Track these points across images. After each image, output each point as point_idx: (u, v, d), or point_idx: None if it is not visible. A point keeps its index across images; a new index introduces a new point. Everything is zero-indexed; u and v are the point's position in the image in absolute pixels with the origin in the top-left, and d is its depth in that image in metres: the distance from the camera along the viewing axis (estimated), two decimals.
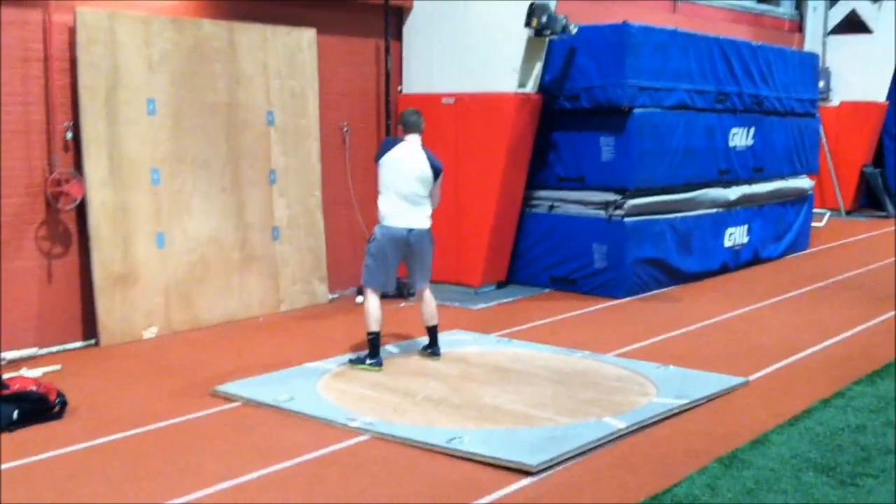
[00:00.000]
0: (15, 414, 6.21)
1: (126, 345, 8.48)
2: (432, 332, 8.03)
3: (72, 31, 8.28)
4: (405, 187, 7.62)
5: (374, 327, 7.67)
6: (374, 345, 7.69)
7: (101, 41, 8.41)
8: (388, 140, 7.77)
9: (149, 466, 5.64)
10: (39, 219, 8.22)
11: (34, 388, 6.47)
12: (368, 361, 7.65)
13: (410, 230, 7.65)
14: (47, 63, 8.16)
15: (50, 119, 8.20)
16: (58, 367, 7.62)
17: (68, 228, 8.42)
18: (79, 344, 8.45)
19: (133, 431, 6.22)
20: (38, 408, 6.36)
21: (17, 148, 8.03)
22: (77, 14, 8.24)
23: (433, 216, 7.86)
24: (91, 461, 5.74)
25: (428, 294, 7.94)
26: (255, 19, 9.72)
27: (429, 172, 7.66)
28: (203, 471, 5.57)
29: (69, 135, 8.29)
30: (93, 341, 8.49)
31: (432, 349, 8.03)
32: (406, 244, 7.69)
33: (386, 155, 7.66)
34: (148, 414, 6.56)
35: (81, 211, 8.39)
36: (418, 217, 7.69)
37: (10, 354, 7.79)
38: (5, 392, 6.38)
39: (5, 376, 6.77)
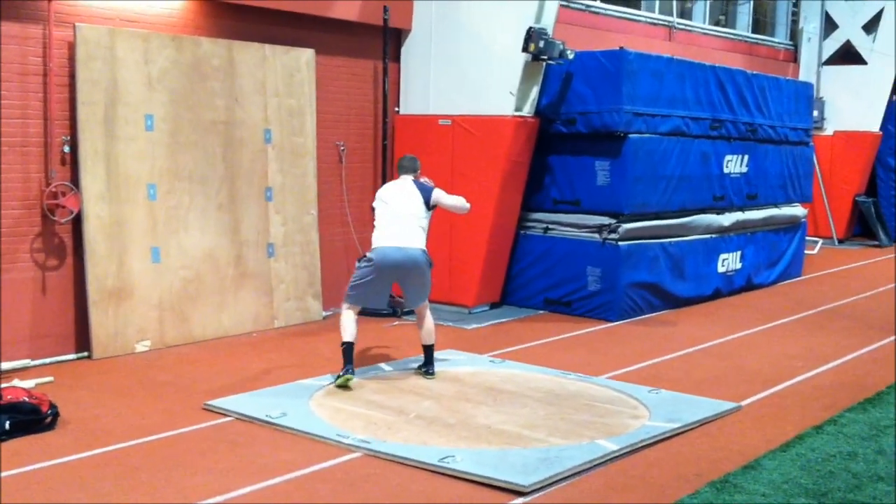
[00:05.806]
0: (7, 424, 6.21)
1: (119, 358, 8.48)
2: (428, 351, 8.05)
3: (71, 47, 8.32)
4: (397, 210, 7.84)
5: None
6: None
7: (101, 57, 8.45)
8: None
9: (139, 480, 5.63)
10: (35, 231, 8.24)
11: (27, 398, 6.47)
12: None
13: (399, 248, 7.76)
14: (46, 78, 8.19)
15: (48, 133, 8.23)
16: (50, 378, 7.59)
17: (64, 241, 8.43)
18: (71, 356, 8.45)
19: (124, 444, 6.21)
20: (30, 419, 6.36)
21: (14, 161, 8.06)
22: (77, 30, 8.29)
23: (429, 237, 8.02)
24: (82, 473, 5.73)
25: (428, 313, 7.99)
26: (255, 39, 9.78)
27: (418, 195, 7.88)
28: (193, 485, 5.56)
29: (66, 148, 8.33)
30: (85, 354, 8.48)
31: (426, 368, 8.04)
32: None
33: (378, 194, 8.04)
34: (139, 427, 6.55)
35: (77, 224, 8.41)
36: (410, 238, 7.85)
37: (3, 365, 7.78)
38: None
39: None
